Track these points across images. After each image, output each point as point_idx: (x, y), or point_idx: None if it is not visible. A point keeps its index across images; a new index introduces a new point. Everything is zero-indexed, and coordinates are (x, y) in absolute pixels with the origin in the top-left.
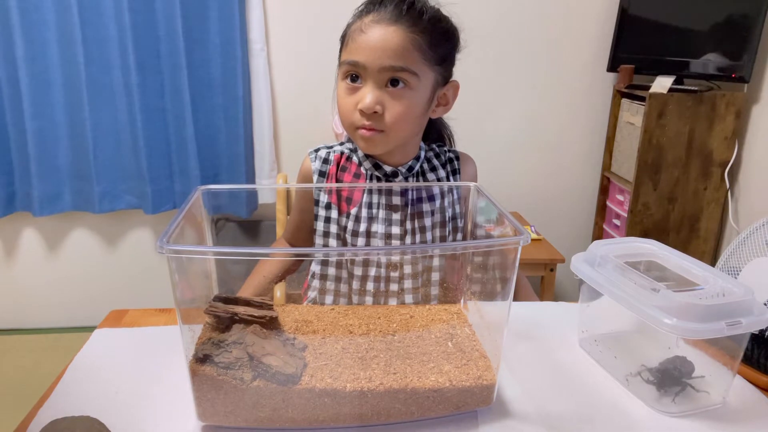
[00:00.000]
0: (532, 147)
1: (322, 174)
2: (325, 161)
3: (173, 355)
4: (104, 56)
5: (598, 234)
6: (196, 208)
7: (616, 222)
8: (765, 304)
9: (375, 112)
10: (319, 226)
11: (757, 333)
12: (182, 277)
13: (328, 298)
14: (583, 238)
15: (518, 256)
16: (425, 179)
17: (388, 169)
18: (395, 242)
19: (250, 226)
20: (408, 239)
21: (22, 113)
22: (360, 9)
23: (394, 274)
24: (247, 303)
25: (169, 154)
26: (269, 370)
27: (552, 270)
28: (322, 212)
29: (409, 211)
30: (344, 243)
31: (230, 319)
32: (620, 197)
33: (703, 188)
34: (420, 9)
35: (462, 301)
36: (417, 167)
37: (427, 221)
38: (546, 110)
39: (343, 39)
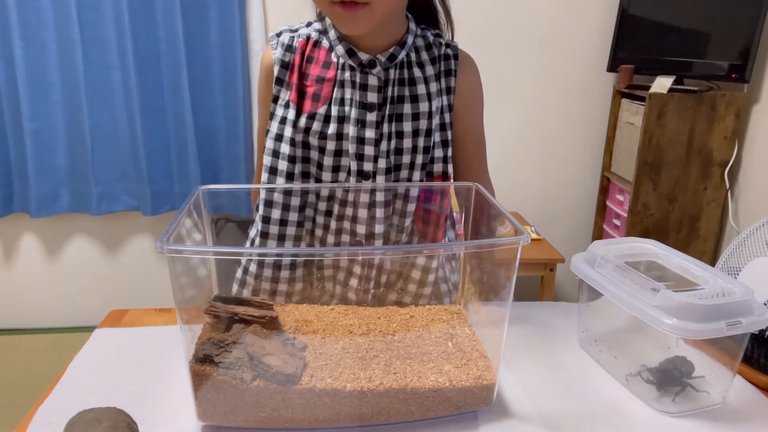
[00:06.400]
0: (532, 147)
1: (284, 66)
2: (289, 48)
3: (173, 355)
4: (103, 57)
5: (598, 234)
6: (196, 208)
7: (616, 222)
8: (765, 304)
9: None
10: (273, 126)
11: (757, 333)
12: (182, 277)
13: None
14: (583, 238)
15: (518, 256)
16: (410, 73)
17: (364, 57)
18: (368, 147)
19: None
20: (383, 145)
21: (20, 114)
22: None
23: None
24: (247, 303)
25: (169, 154)
26: (269, 370)
27: (552, 270)
28: (279, 111)
29: (386, 112)
30: (303, 147)
31: (230, 319)
32: (620, 197)
33: (703, 188)
34: None
35: (462, 301)
36: (401, 56)
37: (407, 126)
38: (546, 110)
39: None
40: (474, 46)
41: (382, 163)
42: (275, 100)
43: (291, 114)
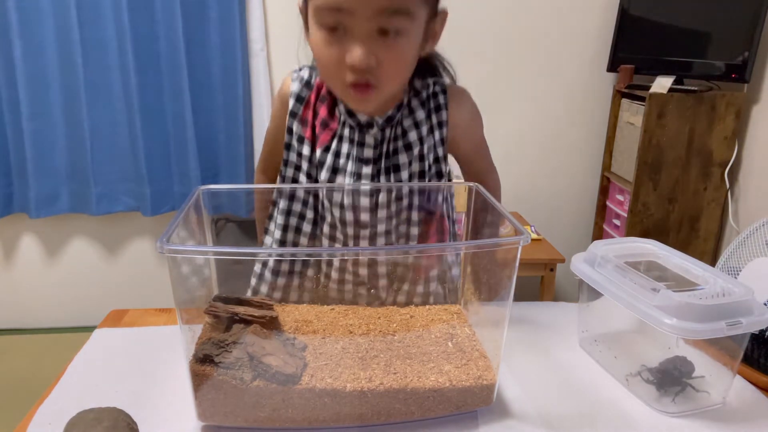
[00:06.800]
0: (532, 147)
1: (299, 99)
2: (307, 85)
3: (173, 355)
4: (103, 57)
5: (598, 234)
6: (196, 208)
7: (616, 222)
8: (765, 304)
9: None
10: (291, 156)
11: (757, 333)
12: (182, 277)
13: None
14: (583, 238)
15: (518, 256)
16: (402, 127)
17: (363, 118)
18: (363, 198)
19: (250, 226)
20: (382, 196)
21: (19, 114)
22: None
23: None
24: (247, 303)
25: (169, 154)
26: (269, 370)
27: (552, 270)
28: (294, 143)
29: (383, 165)
30: (316, 181)
31: (230, 319)
32: (620, 197)
33: (703, 188)
34: None
35: (462, 301)
36: (397, 116)
37: (404, 173)
38: (546, 110)
39: None
40: (474, 46)
41: (381, 213)
42: (289, 131)
43: (306, 150)
